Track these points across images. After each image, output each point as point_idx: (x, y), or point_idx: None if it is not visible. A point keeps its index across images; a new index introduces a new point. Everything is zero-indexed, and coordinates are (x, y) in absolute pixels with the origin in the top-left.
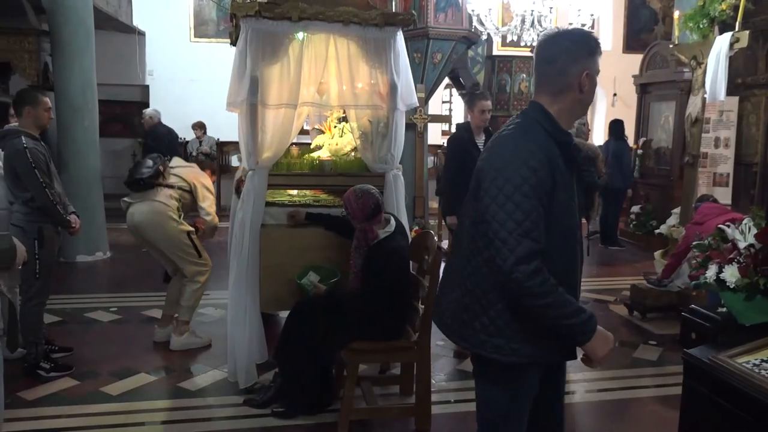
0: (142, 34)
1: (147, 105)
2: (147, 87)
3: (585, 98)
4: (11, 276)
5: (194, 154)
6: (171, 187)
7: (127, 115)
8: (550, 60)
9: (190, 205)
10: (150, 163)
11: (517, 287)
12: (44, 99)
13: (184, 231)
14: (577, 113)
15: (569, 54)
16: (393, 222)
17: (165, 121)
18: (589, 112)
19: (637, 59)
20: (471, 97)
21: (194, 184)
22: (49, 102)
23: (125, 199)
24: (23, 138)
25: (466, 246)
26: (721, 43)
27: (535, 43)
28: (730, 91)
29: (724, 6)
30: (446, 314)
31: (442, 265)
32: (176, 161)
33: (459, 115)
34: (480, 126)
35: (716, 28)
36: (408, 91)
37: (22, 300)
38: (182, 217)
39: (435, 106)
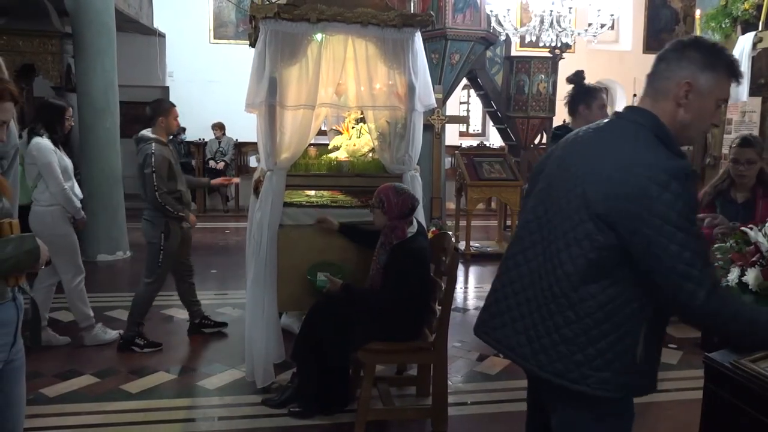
0: (162, 35)
1: None
2: (167, 88)
3: (684, 118)
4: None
5: (212, 156)
6: None
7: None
8: (660, 57)
9: None
10: None
11: (714, 319)
12: (174, 108)
13: None
14: (678, 137)
15: (682, 58)
16: (415, 223)
17: (184, 122)
18: (608, 113)
19: None
20: (590, 91)
21: None
22: (177, 111)
23: None
24: (153, 145)
25: (571, 272)
26: (744, 42)
27: (554, 44)
28: (753, 92)
29: (746, 5)
30: (520, 341)
31: (460, 266)
32: None
33: (477, 116)
34: None
35: (739, 28)
36: (426, 92)
37: (143, 283)
38: None
39: (453, 107)
